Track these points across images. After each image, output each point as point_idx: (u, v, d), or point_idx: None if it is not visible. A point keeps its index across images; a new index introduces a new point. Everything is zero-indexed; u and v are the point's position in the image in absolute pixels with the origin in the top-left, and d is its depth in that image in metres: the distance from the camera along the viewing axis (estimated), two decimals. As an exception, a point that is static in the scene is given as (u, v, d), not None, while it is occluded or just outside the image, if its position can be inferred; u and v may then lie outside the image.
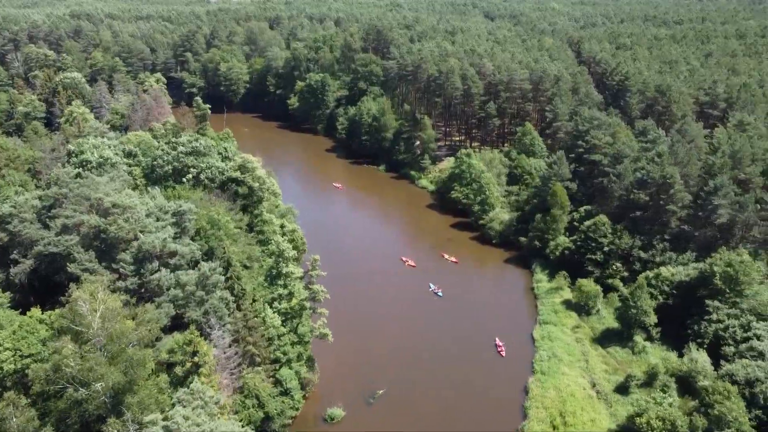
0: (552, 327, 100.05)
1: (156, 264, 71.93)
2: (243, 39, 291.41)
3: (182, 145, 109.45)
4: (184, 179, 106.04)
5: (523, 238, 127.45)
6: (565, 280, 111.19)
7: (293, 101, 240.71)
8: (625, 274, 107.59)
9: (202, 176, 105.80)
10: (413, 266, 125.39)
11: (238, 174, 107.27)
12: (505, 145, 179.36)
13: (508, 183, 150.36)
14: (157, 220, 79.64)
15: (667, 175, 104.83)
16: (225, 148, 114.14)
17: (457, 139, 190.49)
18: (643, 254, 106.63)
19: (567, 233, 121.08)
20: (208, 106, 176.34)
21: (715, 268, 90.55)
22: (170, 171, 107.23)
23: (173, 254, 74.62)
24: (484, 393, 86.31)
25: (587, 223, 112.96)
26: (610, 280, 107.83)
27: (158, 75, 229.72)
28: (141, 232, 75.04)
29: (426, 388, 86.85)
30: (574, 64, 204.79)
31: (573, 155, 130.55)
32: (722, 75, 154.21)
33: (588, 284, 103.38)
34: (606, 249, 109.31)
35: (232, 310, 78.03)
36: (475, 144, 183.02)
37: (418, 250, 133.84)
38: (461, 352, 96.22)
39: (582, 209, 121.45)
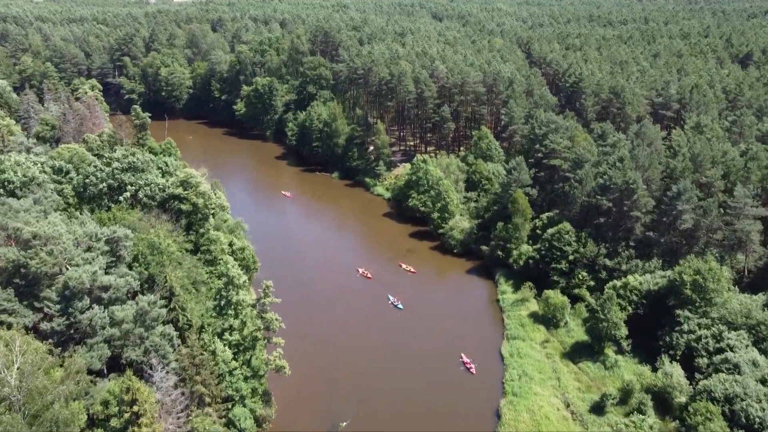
0: (520, 342, 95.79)
1: (86, 301, 63.55)
2: (184, 42, 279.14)
3: (117, 161, 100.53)
4: (121, 198, 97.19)
5: (484, 247, 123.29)
6: (531, 291, 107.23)
7: (240, 107, 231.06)
8: (592, 283, 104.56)
9: (140, 194, 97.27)
10: (369, 278, 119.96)
11: (180, 191, 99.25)
12: (461, 149, 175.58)
13: (466, 189, 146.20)
14: (89, 249, 71.07)
15: (630, 180, 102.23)
16: (165, 163, 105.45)
17: (412, 143, 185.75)
18: (608, 262, 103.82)
19: (530, 241, 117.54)
20: (147, 114, 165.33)
21: (684, 277, 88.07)
22: (105, 189, 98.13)
23: (107, 288, 66.31)
24: (453, 418, 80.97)
25: (550, 231, 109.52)
26: (576, 290, 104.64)
27: (93, 81, 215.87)
28: (69, 264, 66.48)
29: (394, 415, 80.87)
30: (525, 66, 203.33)
31: (532, 160, 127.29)
32: (673, 76, 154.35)
33: (554, 296, 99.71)
34: (571, 257, 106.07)
35: (176, 346, 70.32)
36: (430, 148, 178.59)
37: (375, 260, 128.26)
38: (427, 371, 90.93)
39: (544, 216, 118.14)
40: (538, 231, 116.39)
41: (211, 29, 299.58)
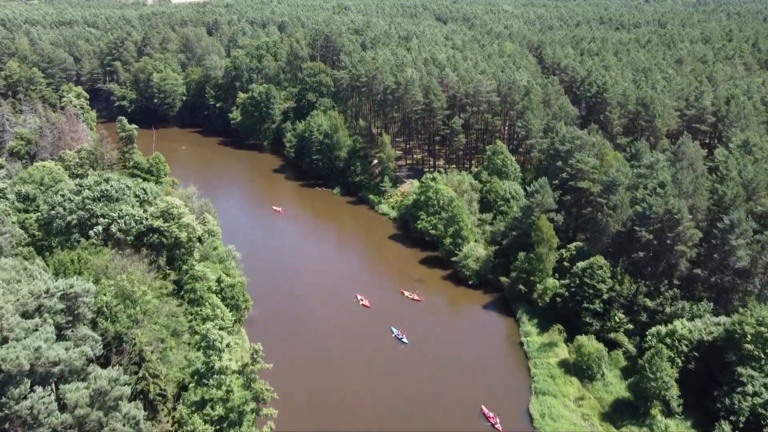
0: (551, 399, 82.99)
1: (26, 384, 50.78)
2: (178, 46, 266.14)
3: (88, 189, 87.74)
4: (92, 232, 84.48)
5: (504, 279, 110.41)
6: (560, 334, 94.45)
7: (235, 115, 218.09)
8: (630, 326, 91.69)
9: (113, 228, 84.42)
10: (367, 306, 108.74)
11: (159, 223, 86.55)
12: (473, 163, 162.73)
13: (480, 210, 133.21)
14: (38, 309, 58.26)
15: (674, 209, 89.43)
16: (144, 189, 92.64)
17: (419, 157, 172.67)
18: (649, 303, 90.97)
19: (555, 274, 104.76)
20: (134, 126, 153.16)
21: (745, 328, 75.40)
22: (74, 222, 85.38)
23: (56, 363, 53.59)
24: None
25: (581, 264, 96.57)
26: (612, 334, 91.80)
27: (79, 89, 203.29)
28: (7, 333, 53.68)
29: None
30: (538, 72, 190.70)
31: (556, 182, 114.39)
32: (707, 86, 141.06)
33: (589, 344, 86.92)
34: (605, 296, 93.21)
35: (144, 429, 57.57)
36: (439, 162, 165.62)
37: (378, 287, 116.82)
38: (444, 426, 78.54)
39: (572, 246, 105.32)
40: (565, 263, 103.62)
41: (206, 32, 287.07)
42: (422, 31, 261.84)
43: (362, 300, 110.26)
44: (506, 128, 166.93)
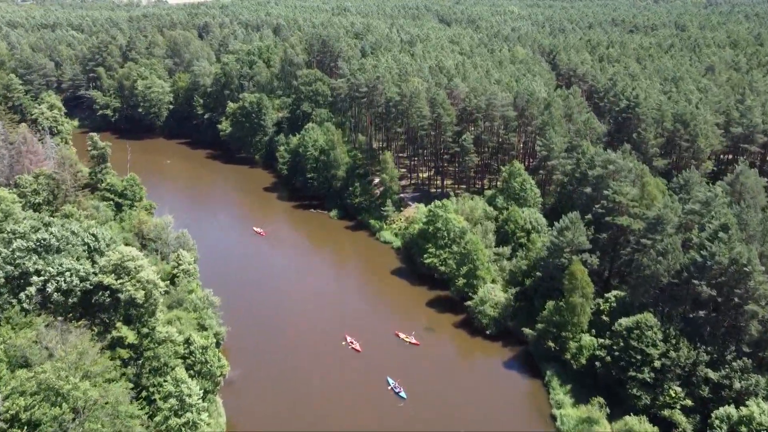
0: (597, 503, 66.62)
1: None
2: (165, 50, 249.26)
3: (21, 238, 71.14)
4: (23, 295, 67.92)
5: (529, 331, 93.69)
6: (602, 410, 77.84)
7: (225, 126, 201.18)
8: (688, 402, 75.04)
9: (49, 288, 67.84)
10: (358, 351, 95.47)
11: (111, 280, 70.00)
12: (485, 182, 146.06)
13: (497, 242, 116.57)
14: None
15: (741, 258, 72.94)
16: (94, 236, 75.82)
17: (425, 176, 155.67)
18: (712, 374, 74.41)
19: (592, 329, 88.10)
20: (106, 143, 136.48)
21: None
22: (1, 280, 68.83)
23: None
24: None
25: (625, 322, 79.94)
26: (666, 411, 75.21)
27: (54, 99, 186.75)
28: None
29: None
30: (552, 80, 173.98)
31: (589, 215, 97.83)
32: (753, 99, 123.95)
33: (640, 427, 70.52)
34: (656, 364, 76.64)
35: None
36: (447, 182, 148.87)
37: (373, 330, 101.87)
38: None
39: (611, 297, 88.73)
40: (603, 317, 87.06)
41: (197, 36, 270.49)
42: (426, 34, 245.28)
43: (352, 343, 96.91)
44: (521, 145, 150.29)
